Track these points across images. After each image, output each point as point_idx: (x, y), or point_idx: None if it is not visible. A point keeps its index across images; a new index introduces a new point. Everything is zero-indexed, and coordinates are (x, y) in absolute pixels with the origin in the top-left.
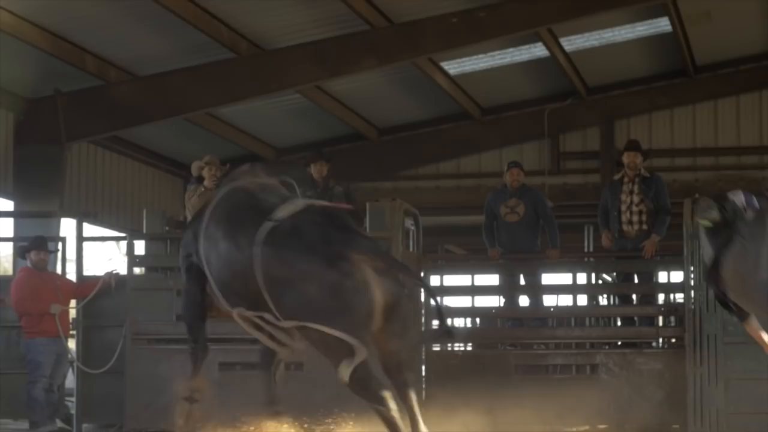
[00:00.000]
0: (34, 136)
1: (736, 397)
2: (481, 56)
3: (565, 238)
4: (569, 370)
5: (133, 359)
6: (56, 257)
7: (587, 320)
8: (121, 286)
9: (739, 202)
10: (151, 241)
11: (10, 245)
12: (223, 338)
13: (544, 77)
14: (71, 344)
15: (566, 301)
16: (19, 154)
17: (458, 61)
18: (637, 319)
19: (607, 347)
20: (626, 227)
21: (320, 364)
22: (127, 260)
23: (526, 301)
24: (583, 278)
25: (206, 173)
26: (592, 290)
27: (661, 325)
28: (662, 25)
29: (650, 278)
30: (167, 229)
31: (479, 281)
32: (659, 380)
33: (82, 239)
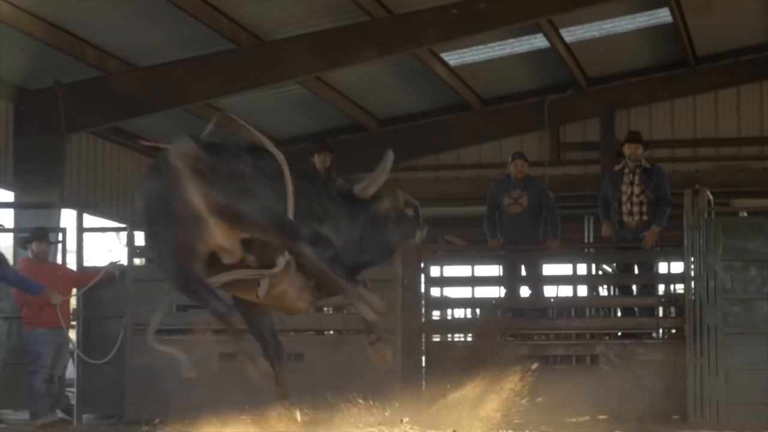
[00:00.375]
0: (34, 127)
1: (736, 387)
2: (481, 47)
3: (565, 229)
4: (569, 360)
5: (133, 350)
6: (57, 248)
7: (587, 311)
8: (121, 276)
9: None
10: None
11: (10, 236)
12: (222, 329)
13: (544, 68)
14: (72, 335)
15: (566, 291)
16: (19, 145)
17: (458, 52)
18: (637, 309)
19: (607, 338)
20: (626, 218)
21: (320, 354)
22: (127, 251)
23: (526, 291)
24: (583, 269)
25: None
26: (592, 281)
27: (661, 315)
28: (662, 15)
29: (650, 269)
30: None
31: (479, 272)
32: (659, 371)
33: (82, 230)
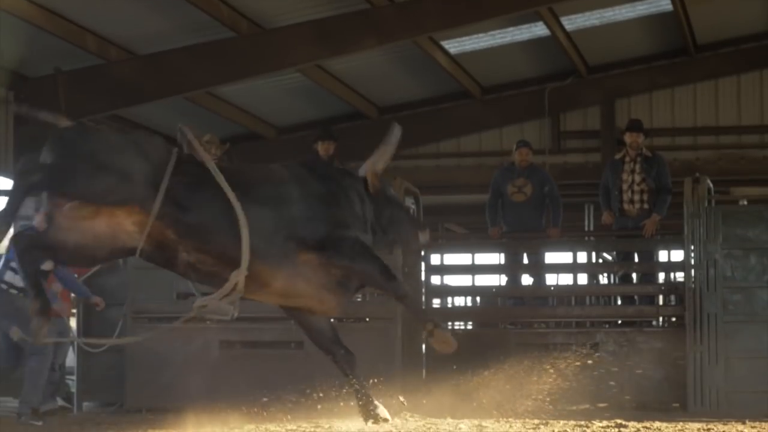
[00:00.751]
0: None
1: (736, 375)
2: (481, 35)
3: (565, 217)
4: (569, 348)
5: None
6: None
7: (587, 299)
8: (122, 264)
9: None
10: None
11: None
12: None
13: (544, 56)
14: (72, 323)
15: (567, 280)
16: (19, 132)
17: (459, 40)
18: (637, 297)
19: (607, 326)
20: (627, 206)
21: None
22: None
23: (527, 279)
24: (583, 257)
25: None
26: (592, 269)
27: (661, 304)
28: (663, 4)
29: (651, 257)
30: None
31: (480, 260)
32: (659, 359)
33: None
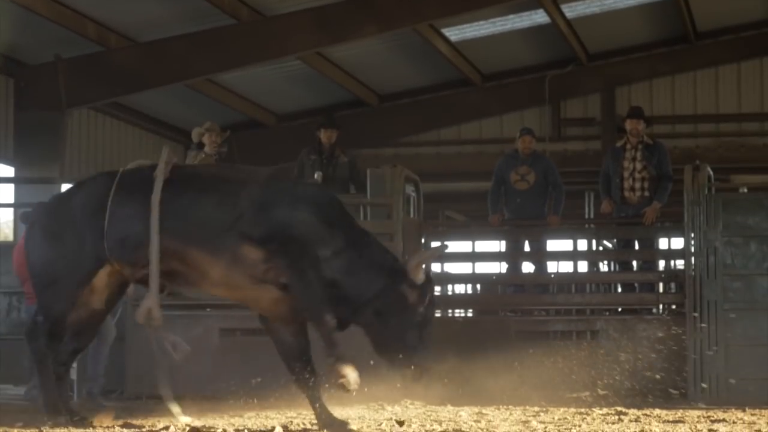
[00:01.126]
0: (34, 102)
1: (736, 363)
2: (482, 23)
3: (565, 204)
4: (570, 336)
5: (133, 325)
6: None
7: (588, 287)
8: None
9: None
10: None
11: (10, 211)
12: (223, 304)
13: (545, 44)
14: None
15: (567, 267)
16: (19, 120)
17: (459, 27)
18: (637, 285)
19: (607, 313)
20: (628, 194)
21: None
22: None
23: (527, 267)
24: (583, 245)
25: (207, 139)
26: (592, 257)
27: (661, 291)
28: None
29: (651, 245)
30: None
31: (480, 248)
32: (659, 346)
33: None
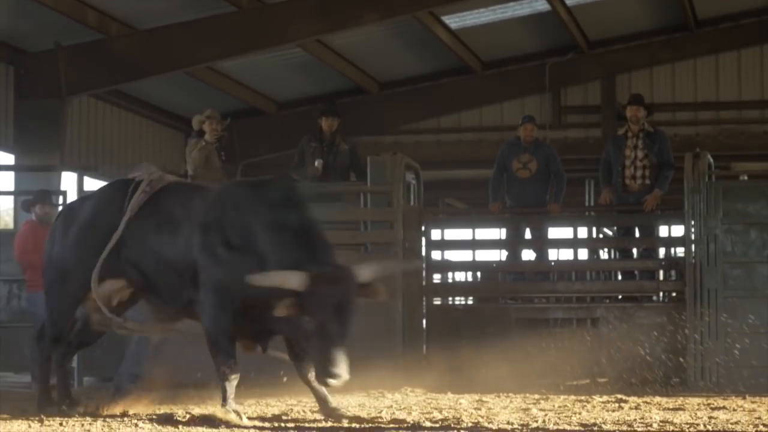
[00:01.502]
0: (34, 90)
1: (736, 350)
2: (482, 10)
3: (566, 192)
4: (570, 323)
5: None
6: (57, 211)
7: (588, 274)
8: None
9: None
10: None
11: (10, 199)
12: None
13: (545, 31)
14: None
15: (567, 255)
16: (19, 107)
17: (459, 15)
18: (637, 273)
19: (607, 301)
20: (629, 182)
21: None
22: None
23: (527, 254)
24: (584, 232)
25: (207, 127)
26: (593, 244)
27: (661, 279)
28: None
29: (651, 232)
30: None
31: (480, 235)
32: (660, 334)
33: (83, 193)
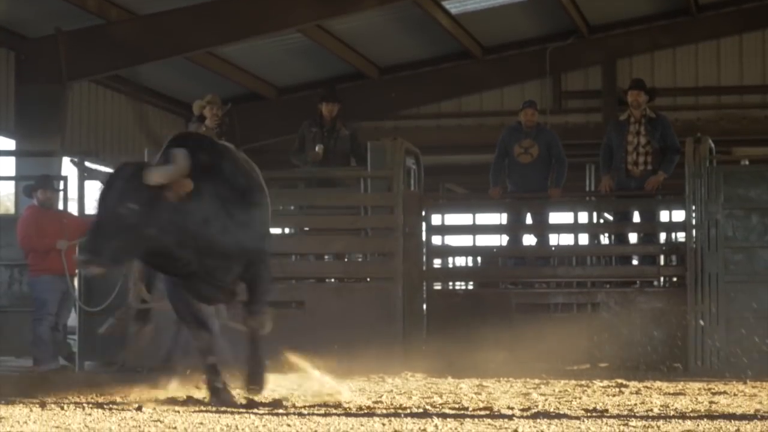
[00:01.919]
0: (35, 75)
1: (736, 335)
2: None
3: (566, 177)
4: (570, 308)
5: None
6: (59, 196)
7: (588, 259)
8: None
9: None
10: None
11: (11, 184)
12: None
13: (545, 16)
14: (76, 282)
15: (568, 240)
16: (20, 93)
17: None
18: (638, 258)
19: (608, 286)
20: (631, 167)
21: (321, 301)
22: None
23: (528, 239)
24: (584, 217)
25: (208, 112)
26: (593, 229)
27: (662, 264)
28: None
29: (652, 217)
30: None
31: (480, 220)
32: (660, 319)
33: (83, 178)
